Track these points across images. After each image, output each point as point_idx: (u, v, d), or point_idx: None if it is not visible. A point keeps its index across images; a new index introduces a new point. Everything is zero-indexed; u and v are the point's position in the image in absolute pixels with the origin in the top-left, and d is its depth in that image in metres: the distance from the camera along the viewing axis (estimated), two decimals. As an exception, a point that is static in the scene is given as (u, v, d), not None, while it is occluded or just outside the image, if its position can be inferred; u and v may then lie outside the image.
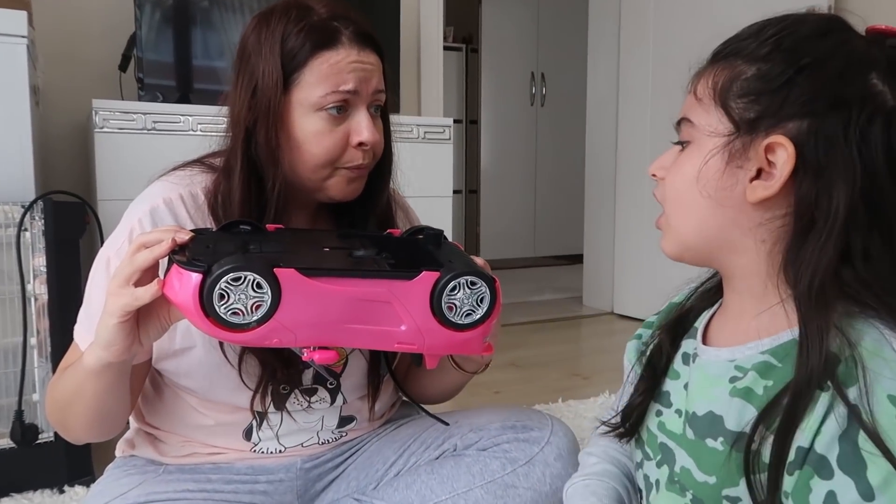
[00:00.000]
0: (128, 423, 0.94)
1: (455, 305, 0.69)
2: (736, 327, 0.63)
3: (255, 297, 0.63)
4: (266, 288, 0.63)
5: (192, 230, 0.72)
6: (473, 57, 4.81)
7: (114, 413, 0.82)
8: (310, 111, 0.82)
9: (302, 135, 0.82)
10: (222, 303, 0.63)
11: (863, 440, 0.49)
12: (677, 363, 0.69)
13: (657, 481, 0.67)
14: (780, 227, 0.58)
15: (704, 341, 0.66)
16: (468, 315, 0.69)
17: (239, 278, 0.62)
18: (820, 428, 0.51)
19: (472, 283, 0.69)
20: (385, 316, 0.68)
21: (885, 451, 0.48)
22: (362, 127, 0.83)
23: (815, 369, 0.51)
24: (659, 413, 0.69)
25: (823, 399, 0.51)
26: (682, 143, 0.63)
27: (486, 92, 4.75)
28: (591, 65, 3.35)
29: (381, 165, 0.91)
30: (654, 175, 0.66)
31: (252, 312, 0.64)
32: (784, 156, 0.55)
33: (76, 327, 0.86)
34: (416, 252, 0.79)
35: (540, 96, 4.89)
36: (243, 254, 0.67)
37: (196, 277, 0.63)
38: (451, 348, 0.73)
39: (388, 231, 0.86)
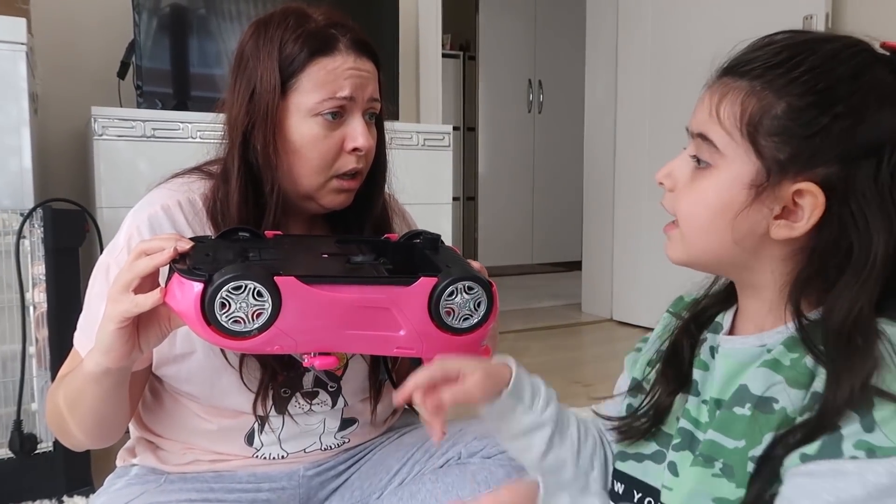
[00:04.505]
0: (128, 431, 0.94)
1: (453, 310, 0.70)
2: (760, 321, 0.64)
3: (255, 305, 0.64)
4: (267, 296, 0.64)
5: (191, 238, 0.73)
6: (471, 64, 4.83)
7: (113, 419, 0.82)
8: (306, 116, 0.83)
9: (298, 139, 0.84)
10: (224, 311, 0.63)
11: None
12: (704, 354, 0.69)
13: (672, 464, 0.66)
14: (795, 263, 0.60)
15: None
16: (466, 319, 0.71)
17: (240, 287, 0.63)
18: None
19: (470, 288, 0.70)
20: (384, 321, 0.68)
21: None
22: (357, 133, 0.85)
23: (841, 405, 0.53)
24: (684, 400, 0.69)
25: (852, 419, 0.52)
26: (700, 162, 0.61)
27: (484, 99, 4.77)
28: (589, 72, 3.37)
29: (374, 173, 0.92)
30: (661, 183, 0.65)
31: (253, 320, 0.64)
32: (812, 202, 0.56)
33: (76, 334, 0.86)
34: (414, 256, 0.80)
35: (537, 103, 4.91)
36: (243, 262, 0.67)
37: (198, 287, 0.63)
38: (449, 352, 0.73)
39: (385, 236, 0.87)
